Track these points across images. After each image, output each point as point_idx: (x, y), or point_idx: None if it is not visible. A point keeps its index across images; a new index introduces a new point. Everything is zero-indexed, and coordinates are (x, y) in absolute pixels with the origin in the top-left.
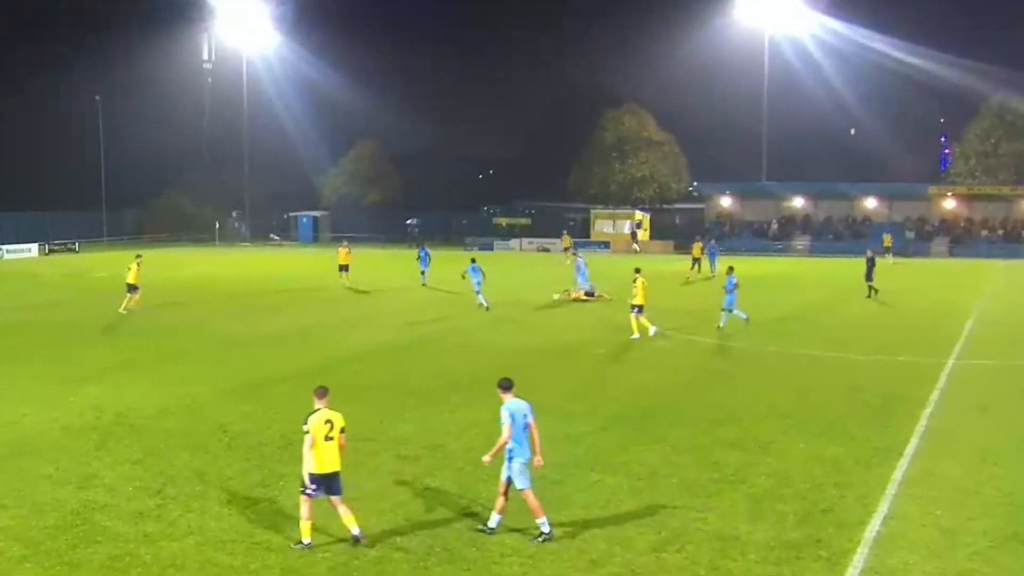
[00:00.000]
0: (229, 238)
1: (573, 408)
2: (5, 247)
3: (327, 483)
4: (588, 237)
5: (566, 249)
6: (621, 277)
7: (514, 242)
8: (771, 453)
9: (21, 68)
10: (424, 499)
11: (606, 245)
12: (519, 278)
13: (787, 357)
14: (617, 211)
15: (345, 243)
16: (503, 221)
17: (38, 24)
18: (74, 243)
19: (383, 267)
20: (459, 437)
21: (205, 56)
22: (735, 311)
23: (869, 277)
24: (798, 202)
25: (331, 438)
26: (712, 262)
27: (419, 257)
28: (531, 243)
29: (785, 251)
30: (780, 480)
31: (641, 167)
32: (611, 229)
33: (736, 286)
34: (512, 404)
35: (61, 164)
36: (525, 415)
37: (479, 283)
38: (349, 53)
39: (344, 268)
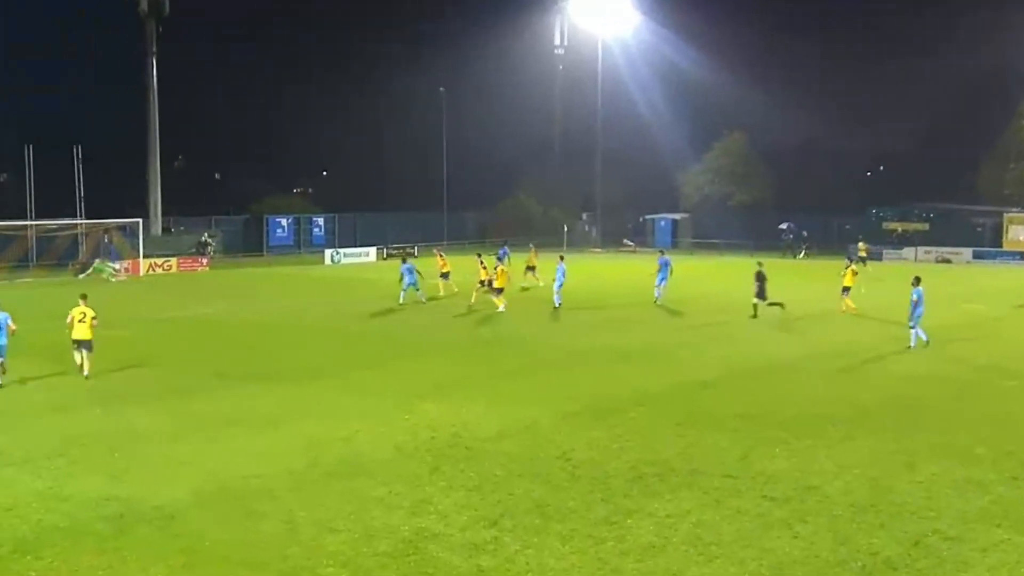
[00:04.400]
0: (578, 243)
1: (978, 451)
2: (342, 251)
3: None
4: (999, 246)
5: (862, 259)
6: None
7: (908, 251)
8: None
9: (362, 61)
10: (793, 548)
11: (1022, 256)
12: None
13: None
14: None
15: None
16: (896, 226)
17: (382, 12)
18: (413, 247)
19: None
20: (837, 478)
21: (557, 41)
22: None
23: None
24: None
25: None
26: None
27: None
28: (928, 252)
29: None
30: None
31: None
32: None
33: None
34: None
35: (401, 161)
36: None
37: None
38: (718, 34)
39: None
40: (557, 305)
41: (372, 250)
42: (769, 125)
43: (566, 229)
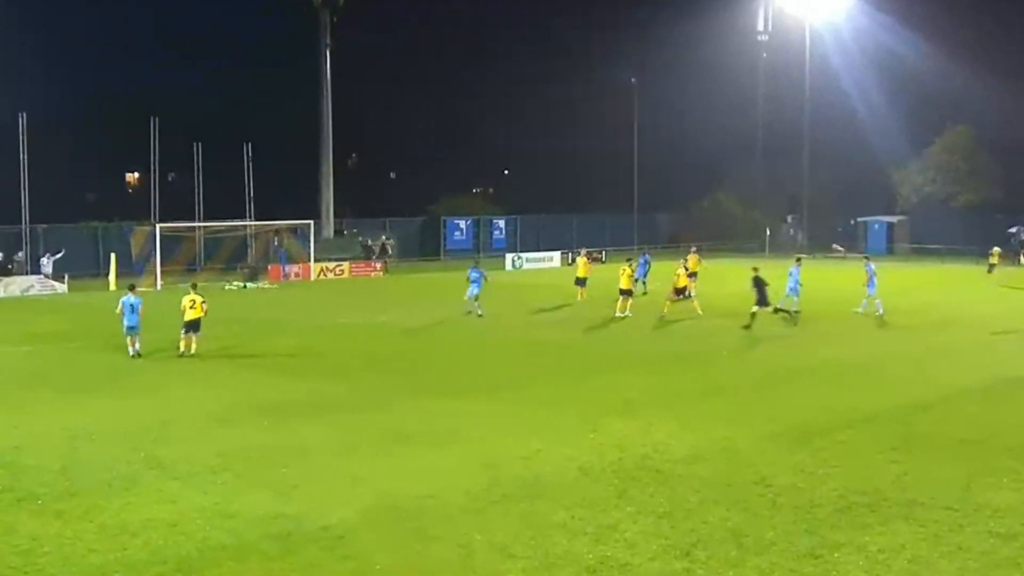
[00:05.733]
0: (782, 248)
1: None
2: (524, 255)
3: None
4: None
5: (991, 267)
6: None
7: None
8: None
9: (547, 51)
10: None
11: None
12: None
13: None
14: None
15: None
16: None
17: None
18: (600, 251)
19: (969, 285)
20: None
21: (760, 27)
22: None
23: None
24: None
25: None
26: None
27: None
28: None
29: None
30: None
31: None
32: None
33: None
34: None
35: (588, 159)
36: None
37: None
38: (940, 17)
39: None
40: (794, 312)
41: (556, 254)
42: (998, 117)
43: (768, 232)
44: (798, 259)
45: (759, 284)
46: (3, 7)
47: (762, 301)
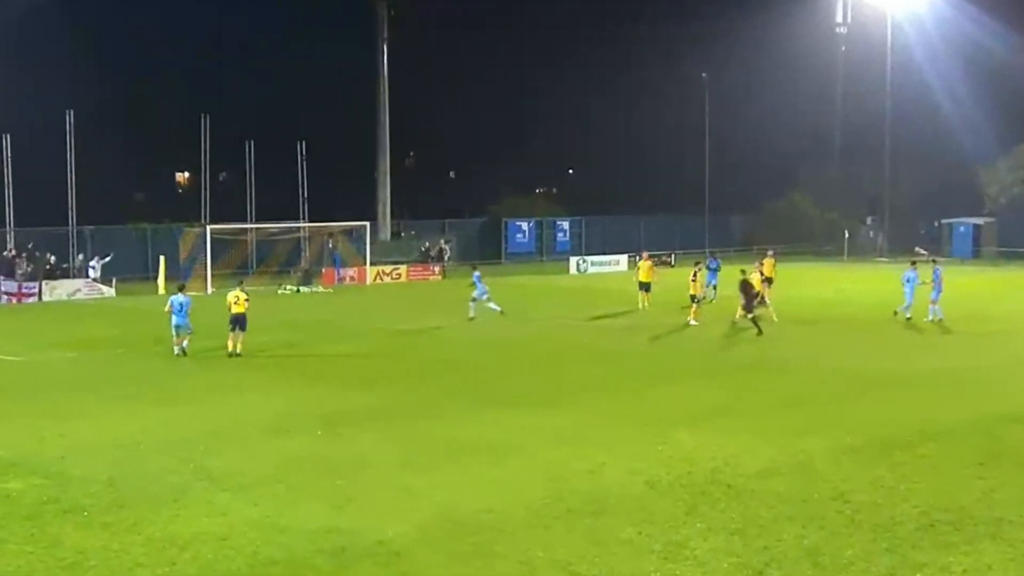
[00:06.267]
0: (861, 251)
1: None
2: (589, 258)
3: None
4: None
5: None
6: None
7: None
8: None
9: (613, 44)
10: None
11: None
12: None
13: None
14: None
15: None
16: None
17: None
18: (668, 255)
19: None
20: None
21: (839, 18)
22: None
23: None
24: None
25: None
26: None
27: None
28: None
29: None
30: None
31: None
32: None
33: None
34: None
35: (656, 158)
36: None
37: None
38: None
39: None
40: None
41: (623, 258)
42: None
43: (847, 235)
44: (913, 263)
45: (745, 288)
46: (50, 1)
47: (748, 306)
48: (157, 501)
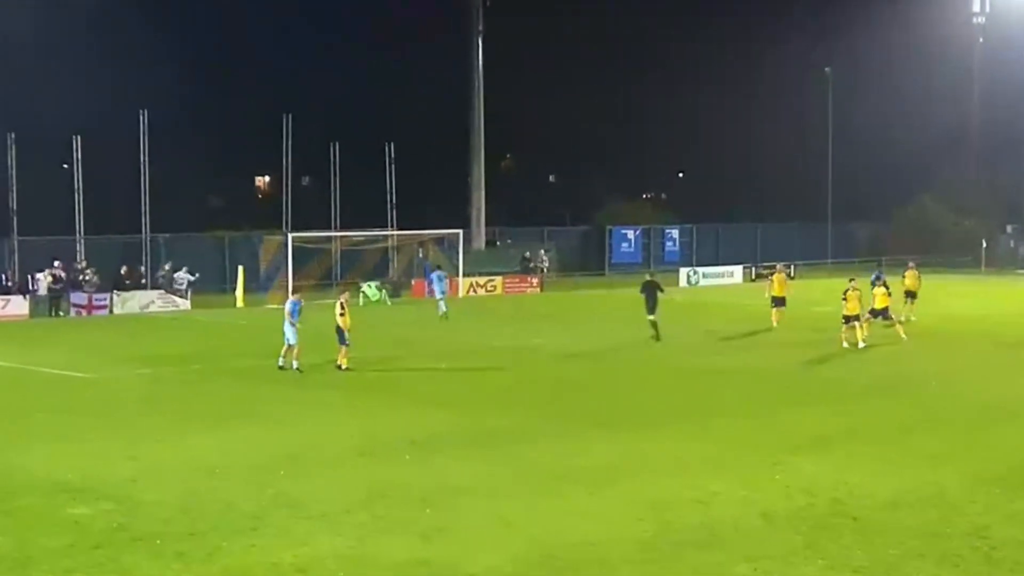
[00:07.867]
0: (1000, 263)
1: None
2: (701, 270)
3: None
4: None
5: None
6: None
7: None
8: None
9: (728, 38)
10: None
11: None
12: None
13: None
14: None
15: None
16: None
17: None
18: (789, 265)
19: None
20: None
21: (975, 7)
22: None
23: None
24: None
25: None
26: None
27: None
28: None
29: None
30: None
31: None
32: None
33: None
34: None
35: (774, 161)
36: None
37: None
38: None
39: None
40: None
41: (737, 269)
42: None
43: (984, 245)
44: None
45: (649, 290)
46: None
47: (651, 309)
48: (233, 529)
